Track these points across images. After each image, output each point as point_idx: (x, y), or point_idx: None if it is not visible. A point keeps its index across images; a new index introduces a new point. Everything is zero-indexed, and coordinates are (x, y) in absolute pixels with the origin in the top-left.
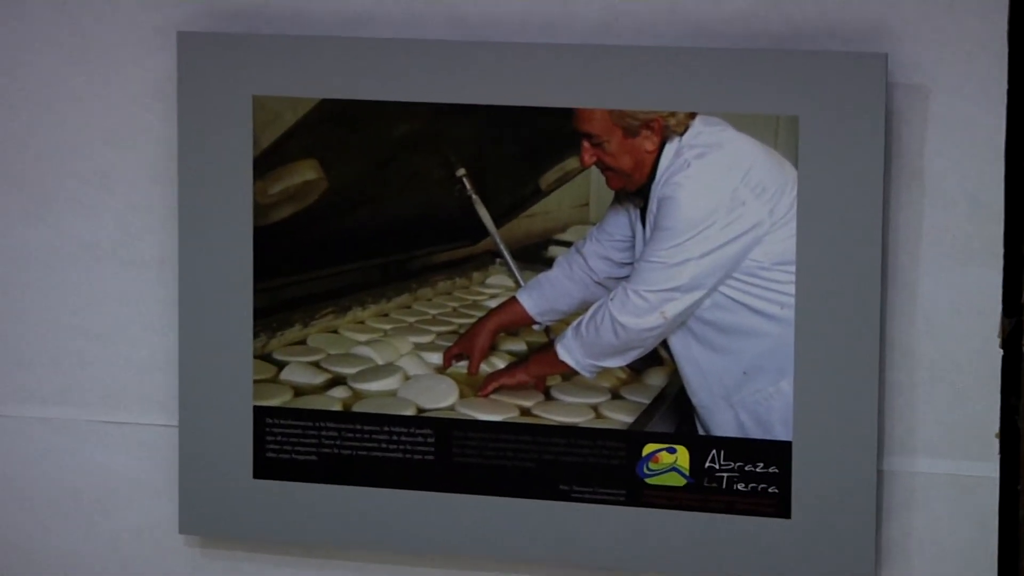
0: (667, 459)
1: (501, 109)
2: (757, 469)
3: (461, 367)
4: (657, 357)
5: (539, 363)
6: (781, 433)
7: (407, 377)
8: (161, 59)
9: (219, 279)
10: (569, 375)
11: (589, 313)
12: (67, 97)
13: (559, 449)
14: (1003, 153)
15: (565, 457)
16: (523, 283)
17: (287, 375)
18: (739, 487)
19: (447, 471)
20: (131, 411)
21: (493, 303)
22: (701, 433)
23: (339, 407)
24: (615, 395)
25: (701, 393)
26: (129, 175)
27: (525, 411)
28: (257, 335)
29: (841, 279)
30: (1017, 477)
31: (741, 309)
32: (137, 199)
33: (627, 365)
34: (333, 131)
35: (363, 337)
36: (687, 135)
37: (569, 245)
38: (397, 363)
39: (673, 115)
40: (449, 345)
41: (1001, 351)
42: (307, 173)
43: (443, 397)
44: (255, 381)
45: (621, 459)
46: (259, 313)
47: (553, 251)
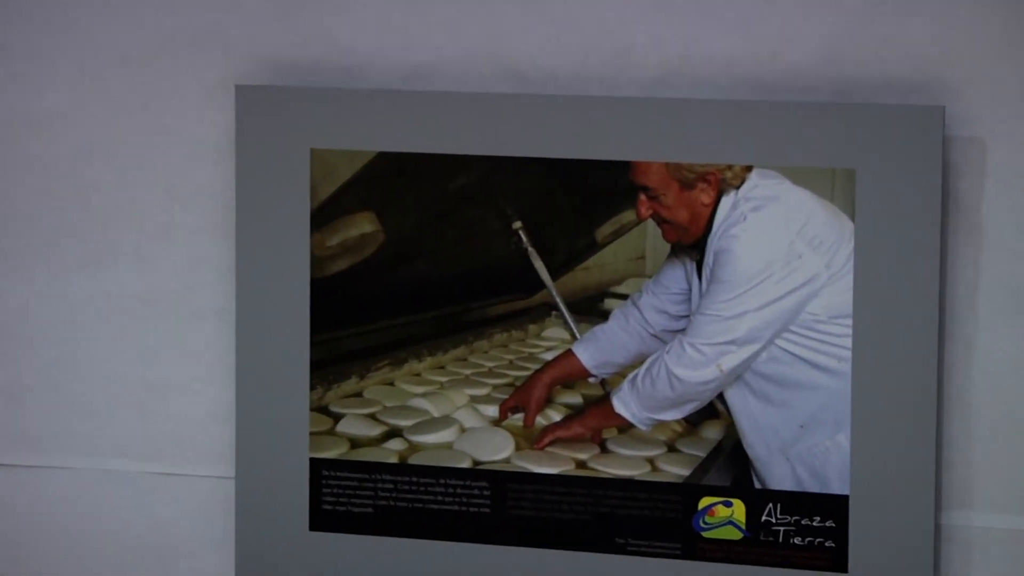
0: (723, 512)
1: (558, 162)
2: (814, 523)
3: (517, 420)
4: (713, 410)
5: (595, 416)
6: (838, 487)
7: (463, 429)
8: (220, 113)
9: (276, 331)
10: (625, 428)
11: (645, 366)
12: (128, 150)
13: (615, 502)
14: None
15: (621, 510)
16: (579, 336)
17: (343, 427)
18: (796, 541)
19: (503, 523)
20: (188, 463)
21: (549, 356)
22: (757, 486)
23: (395, 459)
24: (671, 448)
25: (757, 446)
26: (188, 227)
27: (581, 464)
28: (314, 387)
29: (898, 332)
30: None
31: (798, 362)
32: (196, 251)
33: (683, 418)
34: (390, 183)
35: (419, 389)
36: (744, 188)
37: (625, 298)
38: (453, 415)
39: (730, 168)
40: (505, 398)
41: None
42: (364, 225)
43: (499, 449)
44: (311, 433)
45: (677, 512)
46: (316, 365)
47: (609, 304)
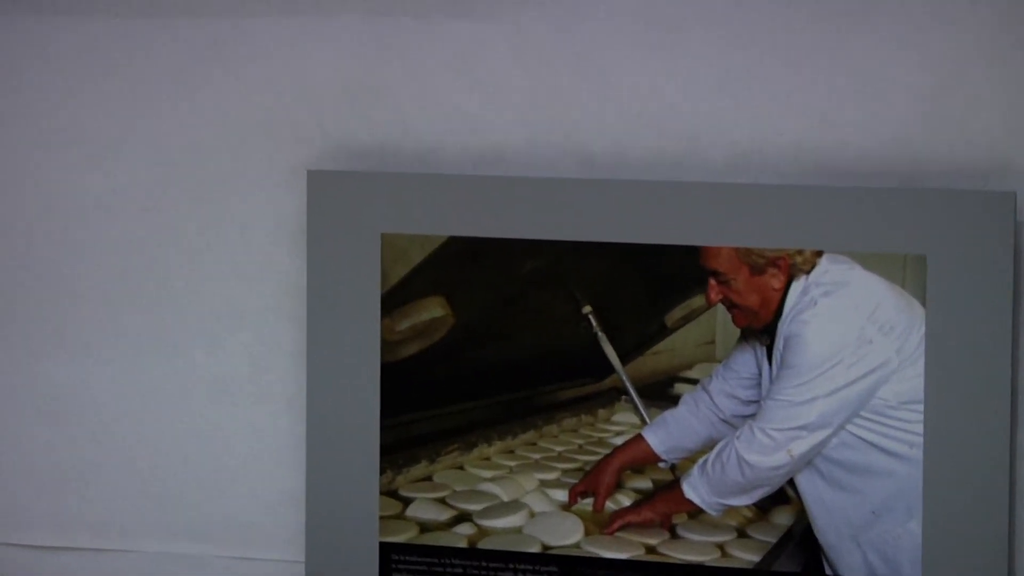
0: None
1: (628, 247)
2: None
3: (586, 504)
4: (783, 496)
5: (665, 501)
6: (910, 574)
7: (532, 514)
8: (292, 197)
9: (346, 415)
10: (695, 513)
11: (715, 451)
12: (200, 234)
13: None
14: None
15: None
16: (649, 420)
17: (413, 511)
18: None
19: None
20: (258, 547)
21: (619, 440)
22: (829, 573)
23: (465, 544)
24: (741, 533)
25: (828, 532)
26: (260, 311)
27: (651, 549)
28: (383, 471)
29: (970, 418)
30: None
31: (869, 448)
32: (267, 335)
33: (753, 503)
34: (460, 268)
35: (489, 474)
36: (814, 273)
37: (695, 383)
38: (522, 500)
39: (800, 253)
40: (575, 482)
41: None
42: (434, 310)
43: (568, 534)
44: (381, 517)
45: None
46: (385, 449)
47: (679, 388)
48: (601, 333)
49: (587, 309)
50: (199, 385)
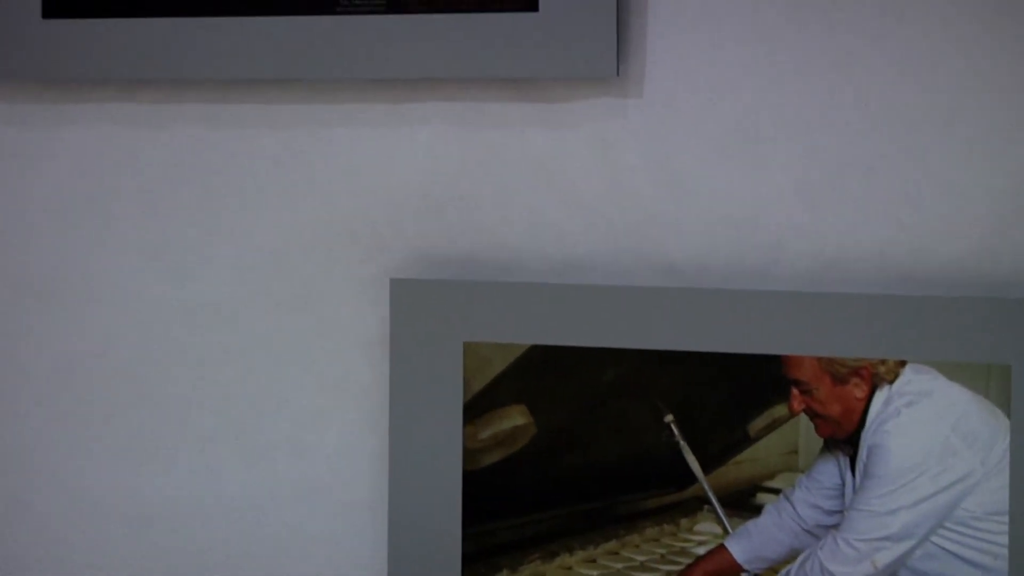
0: None
1: (710, 355)
2: None
3: None
4: None
5: None
6: None
7: None
8: (374, 306)
9: (428, 523)
10: None
11: (798, 562)
12: (283, 343)
13: None
14: None
15: None
16: (731, 530)
17: None
18: None
19: None
20: None
21: (701, 550)
22: None
23: None
24: None
25: None
26: (342, 419)
27: None
28: None
29: None
30: None
31: (953, 559)
32: (350, 443)
33: None
34: (542, 376)
35: None
36: (897, 383)
37: (778, 492)
38: None
39: (883, 363)
40: None
41: None
42: (516, 418)
43: None
44: None
45: None
46: (467, 558)
47: (761, 498)
48: (683, 442)
49: (669, 418)
50: (282, 492)
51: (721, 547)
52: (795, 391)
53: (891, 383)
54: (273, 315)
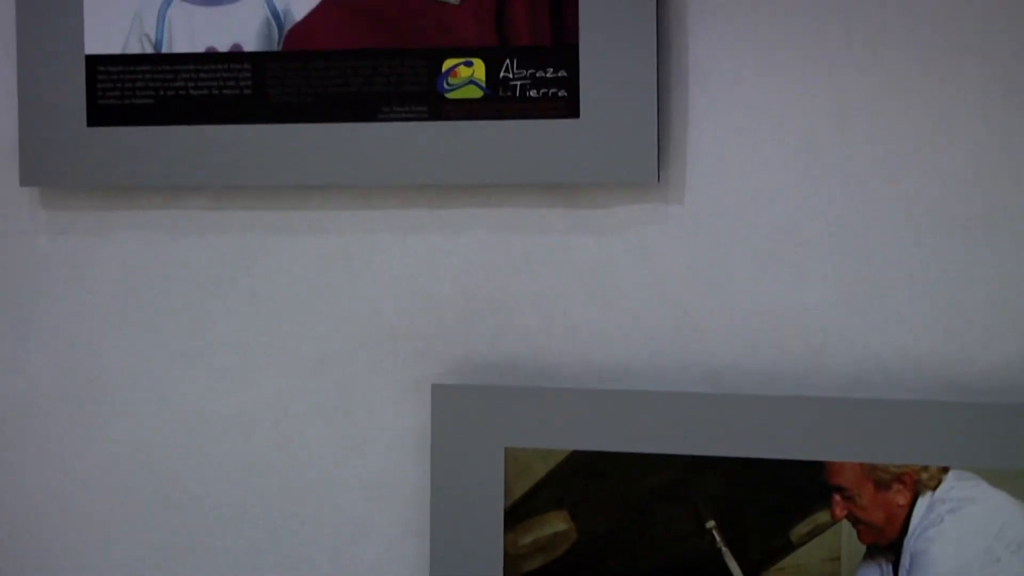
0: None
1: (751, 461)
2: None
3: None
4: None
5: None
6: None
7: None
8: (416, 411)
9: None
10: None
11: None
12: (325, 447)
13: None
14: None
15: None
16: None
17: None
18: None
19: None
20: None
21: None
22: None
23: None
24: None
25: None
26: (383, 524)
27: None
28: None
29: None
30: None
31: None
32: (391, 548)
33: None
34: (583, 482)
35: None
36: (940, 490)
37: None
38: None
39: (926, 469)
40: None
41: None
42: (557, 524)
43: None
44: None
45: None
46: None
47: None
48: (725, 548)
49: (711, 524)
50: None
51: None
52: (837, 497)
53: (934, 490)
54: (315, 420)
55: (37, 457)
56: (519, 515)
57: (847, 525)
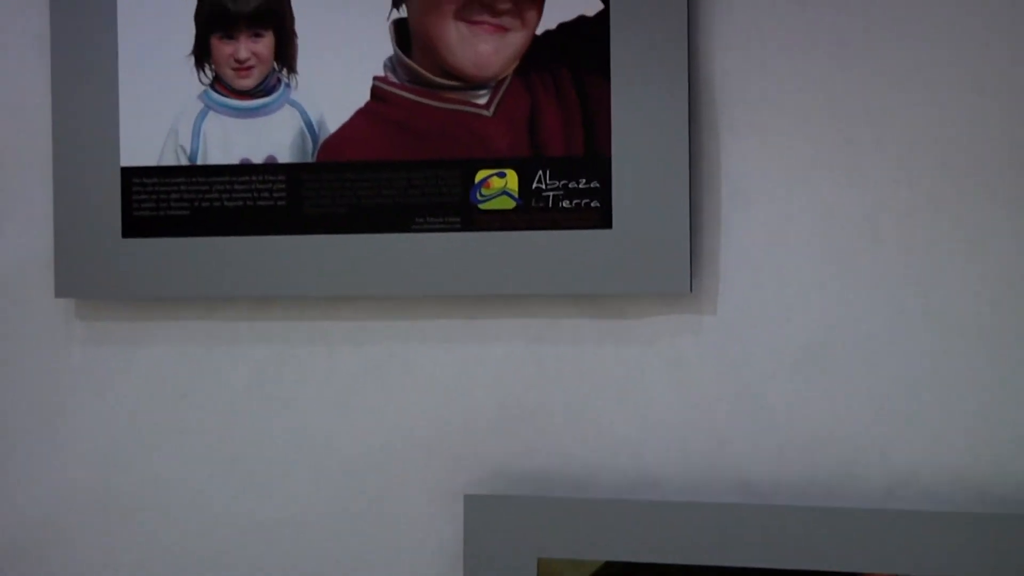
0: None
1: (784, 572)
2: None
3: None
4: None
5: None
6: None
7: None
8: (449, 521)
9: None
10: None
11: None
12: (357, 556)
13: None
14: None
15: None
16: None
17: None
18: None
19: None
20: None
21: None
22: None
23: None
24: None
25: None
26: None
27: None
28: None
29: None
30: None
31: None
32: None
33: None
34: None
35: None
36: None
37: None
38: None
39: None
40: None
41: None
42: None
43: None
44: None
45: None
46: None
47: None
48: None
49: None
50: None
51: None
52: None
53: None
54: (349, 529)
55: (68, 568)
56: None
57: None
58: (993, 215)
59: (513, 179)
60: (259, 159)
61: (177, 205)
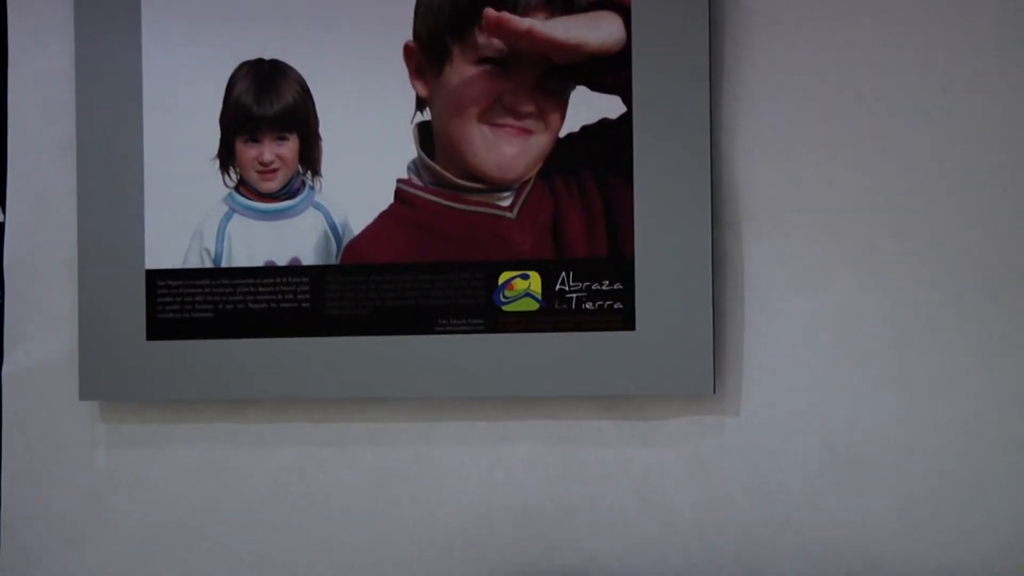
0: None
1: None
2: None
3: None
4: None
5: None
6: None
7: None
8: None
9: None
10: None
11: None
12: None
13: None
14: None
15: None
16: None
17: None
18: None
19: None
20: None
21: None
22: None
23: None
24: None
25: None
26: None
27: None
28: None
29: None
30: None
31: None
32: None
33: None
34: None
35: None
36: None
37: None
38: None
39: None
40: None
41: None
42: None
43: None
44: None
45: None
46: None
47: None
48: None
49: None
50: None
51: None
52: None
53: None
54: None
55: None
56: None
57: None
58: (1018, 319)
59: (536, 281)
60: (283, 261)
61: (201, 307)
